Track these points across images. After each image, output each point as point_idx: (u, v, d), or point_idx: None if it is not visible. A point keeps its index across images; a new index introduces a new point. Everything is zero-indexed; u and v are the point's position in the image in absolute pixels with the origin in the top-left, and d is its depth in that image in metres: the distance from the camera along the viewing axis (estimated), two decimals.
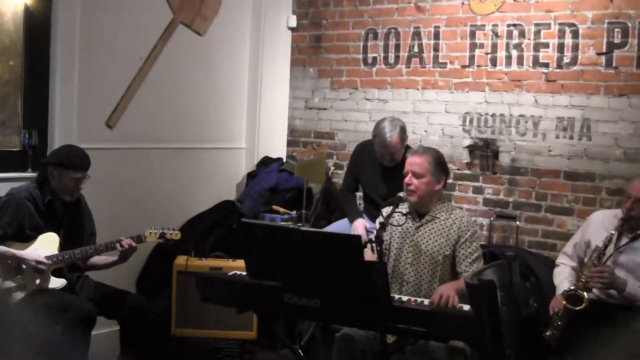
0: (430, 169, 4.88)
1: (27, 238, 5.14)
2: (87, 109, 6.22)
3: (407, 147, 6.04)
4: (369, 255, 4.45)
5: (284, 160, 7.76)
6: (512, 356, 4.12)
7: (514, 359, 4.16)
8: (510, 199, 6.73)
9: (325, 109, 7.93)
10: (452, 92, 7.01)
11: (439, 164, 4.97)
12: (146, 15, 6.67)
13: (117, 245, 5.25)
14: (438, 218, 4.92)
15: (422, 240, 4.88)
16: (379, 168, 6.18)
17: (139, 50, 6.65)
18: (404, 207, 4.95)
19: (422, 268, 4.85)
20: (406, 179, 4.87)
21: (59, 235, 5.20)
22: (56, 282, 5.13)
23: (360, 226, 6.12)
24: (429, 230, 4.90)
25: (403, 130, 6.05)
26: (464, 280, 4.19)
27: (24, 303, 4.85)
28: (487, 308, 3.65)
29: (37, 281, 5.05)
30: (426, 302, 4.37)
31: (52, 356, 1.66)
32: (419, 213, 4.97)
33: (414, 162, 4.88)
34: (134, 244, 5.29)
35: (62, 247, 5.18)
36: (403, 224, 4.92)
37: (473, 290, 3.71)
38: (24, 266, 5.03)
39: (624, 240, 5.21)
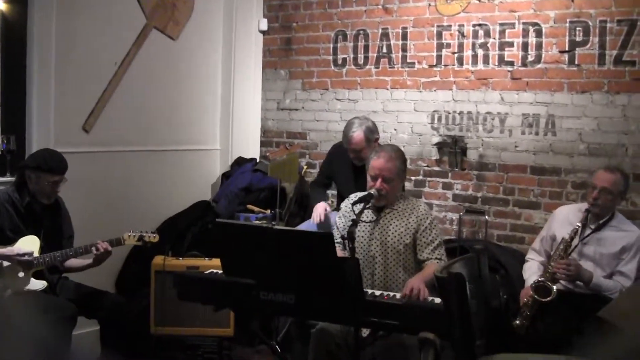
0: (398, 172, 4.98)
1: (8, 240, 5.17)
2: (63, 114, 6.26)
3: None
4: (339, 251, 4.54)
5: (258, 160, 7.85)
6: (482, 346, 4.21)
7: (483, 349, 4.26)
8: (479, 194, 6.88)
9: (296, 109, 8.04)
10: (420, 91, 7.14)
11: (404, 164, 5.09)
12: (120, 21, 6.72)
13: (93, 248, 5.31)
14: (396, 209, 5.02)
15: (383, 232, 4.97)
16: (352, 168, 6.24)
17: (114, 55, 6.70)
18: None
19: (386, 259, 4.94)
20: (377, 185, 4.89)
21: (39, 238, 5.25)
22: (37, 284, 5.17)
23: (320, 206, 6.29)
24: (388, 221, 4.99)
25: (370, 130, 6.10)
26: (434, 274, 4.26)
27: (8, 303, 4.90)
28: (456, 300, 3.74)
29: (20, 274, 5.09)
30: (398, 296, 4.46)
31: (44, 354, 1.77)
32: (378, 207, 5.06)
33: (384, 168, 4.91)
34: (109, 248, 5.34)
35: (43, 249, 5.23)
36: (374, 220, 5.01)
37: (443, 283, 3.79)
38: (4, 264, 5.07)
39: (588, 231, 5.37)
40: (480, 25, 6.78)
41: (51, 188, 5.27)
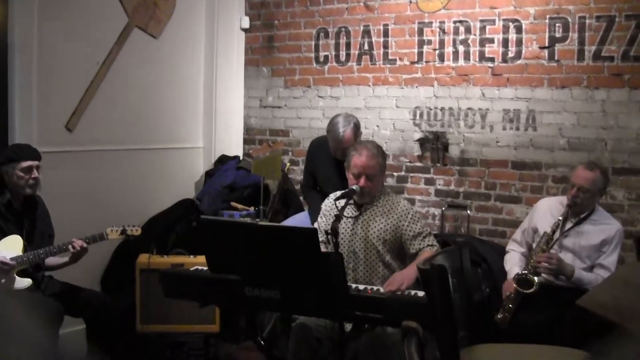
0: (380, 169, 5.01)
1: None
2: (46, 113, 6.26)
3: None
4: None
5: (241, 158, 7.87)
6: (465, 338, 4.26)
7: (466, 341, 4.31)
8: (461, 189, 6.93)
9: (279, 107, 8.07)
10: (402, 88, 7.19)
11: (385, 160, 5.11)
12: (102, 20, 6.72)
13: (70, 247, 5.32)
14: (376, 205, 5.04)
15: (365, 227, 4.99)
16: (334, 163, 6.16)
17: (96, 55, 6.70)
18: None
19: (367, 254, 4.97)
20: (361, 183, 4.90)
21: (21, 236, 5.27)
22: (22, 282, 5.18)
23: None
24: (370, 217, 5.01)
25: (357, 127, 6.07)
26: (416, 267, 4.29)
27: None
28: (439, 291, 3.79)
29: (2, 281, 5.11)
30: (382, 289, 4.50)
31: (32, 354, 1.78)
32: (358, 203, 5.08)
33: (367, 166, 4.92)
34: (85, 245, 5.35)
35: (25, 248, 5.25)
36: (355, 215, 5.04)
37: (425, 275, 3.85)
38: None
39: (569, 225, 5.44)
40: (460, 21, 6.83)
41: (28, 174, 5.27)
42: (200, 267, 4.93)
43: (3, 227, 5.26)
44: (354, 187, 4.87)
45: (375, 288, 4.54)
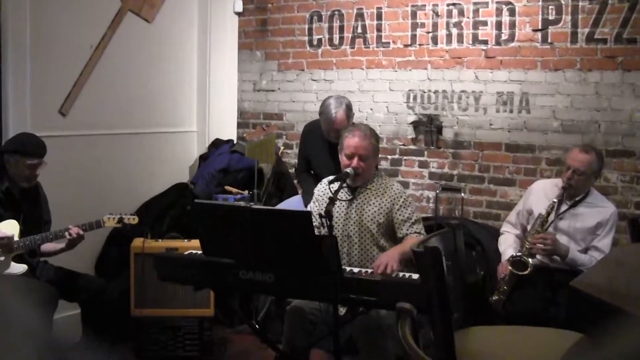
0: (373, 150, 5.01)
1: None
2: (40, 98, 6.24)
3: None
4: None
5: (235, 141, 7.86)
6: (459, 320, 4.27)
7: (460, 323, 4.32)
8: (455, 172, 6.94)
9: (273, 90, 8.05)
10: (395, 71, 7.18)
11: (378, 142, 5.11)
12: (95, 4, 6.69)
13: (66, 233, 5.32)
14: (370, 189, 5.04)
15: (359, 211, 4.99)
16: (327, 147, 6.19)
17: (90, 39, 6.66)
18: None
19: (362, 237, 4.98)
20: (354, 163, 4.91)
21: (19, 222, 5.26)
22: (17, 268, 5.19)
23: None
24: (364, 200, 5.02)
25: (349, 108, 6.09)
26: (410, 249, 4.29)
27: None
28: (433, 273, 3.80)
29: (1, 257, 5.10)
30: (369, 271, 4.53)
31: (26, 338, 1.78)
32: (352, 187, 5.09)
33: (360, 146, 4.93)
34: (81, 232, 5.35)
35: (22, 233, 5.24)
36: (349, 199, 5.04)
37: (419, 257, 3.85)
38: None
39: (564, 207, 5.45)
40: (454, 4, 6.81)
41: (30, 171, 5.26)
42: (194, 251, 4.96)
43: (1, 212, 5.25)
44: (347, 171, 4.87)
45: (369, 271, 4.55)
